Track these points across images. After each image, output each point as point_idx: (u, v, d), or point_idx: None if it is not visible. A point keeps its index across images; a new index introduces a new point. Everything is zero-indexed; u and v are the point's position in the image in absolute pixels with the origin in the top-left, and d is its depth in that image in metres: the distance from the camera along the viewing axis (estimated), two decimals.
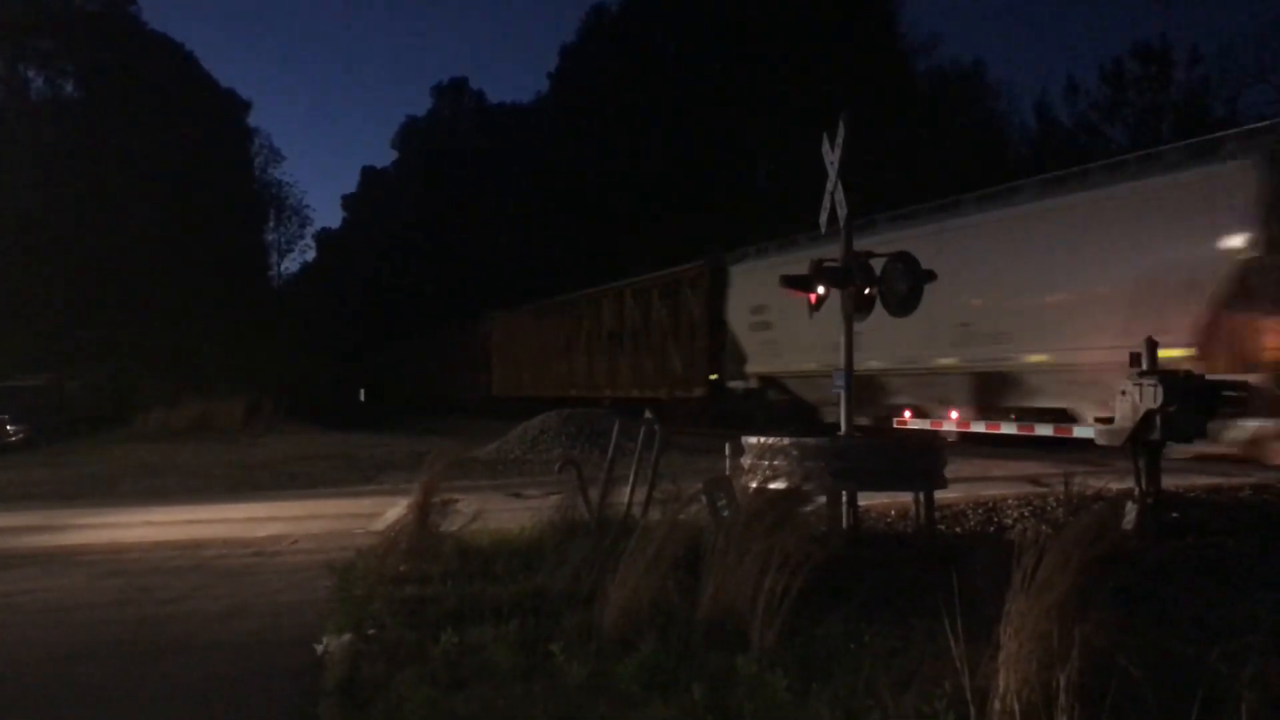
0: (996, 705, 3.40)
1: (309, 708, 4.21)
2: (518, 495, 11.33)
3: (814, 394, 16.88)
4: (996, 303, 13.25)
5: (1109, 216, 12.03)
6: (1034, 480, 10.79)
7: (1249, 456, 10.72)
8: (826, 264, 7.86)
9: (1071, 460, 10.77)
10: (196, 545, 8.61)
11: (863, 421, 12.84)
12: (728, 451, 8.10)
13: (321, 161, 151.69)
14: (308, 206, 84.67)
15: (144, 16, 42.02)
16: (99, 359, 30.83)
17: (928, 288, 7.63)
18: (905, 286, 7.58)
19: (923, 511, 7.47)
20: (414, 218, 59.89)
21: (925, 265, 7.57)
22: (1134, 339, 7.80)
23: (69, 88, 40.15)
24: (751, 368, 19.64)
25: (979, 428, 10.90)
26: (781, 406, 18.59)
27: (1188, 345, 10.31)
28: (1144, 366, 7.80)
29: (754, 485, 6.54)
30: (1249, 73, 31.47)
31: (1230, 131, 12.53)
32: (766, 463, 6.95)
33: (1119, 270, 11.64)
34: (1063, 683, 3.24)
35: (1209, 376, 8.17)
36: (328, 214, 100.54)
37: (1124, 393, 7.78)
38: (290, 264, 65.36)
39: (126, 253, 33.85)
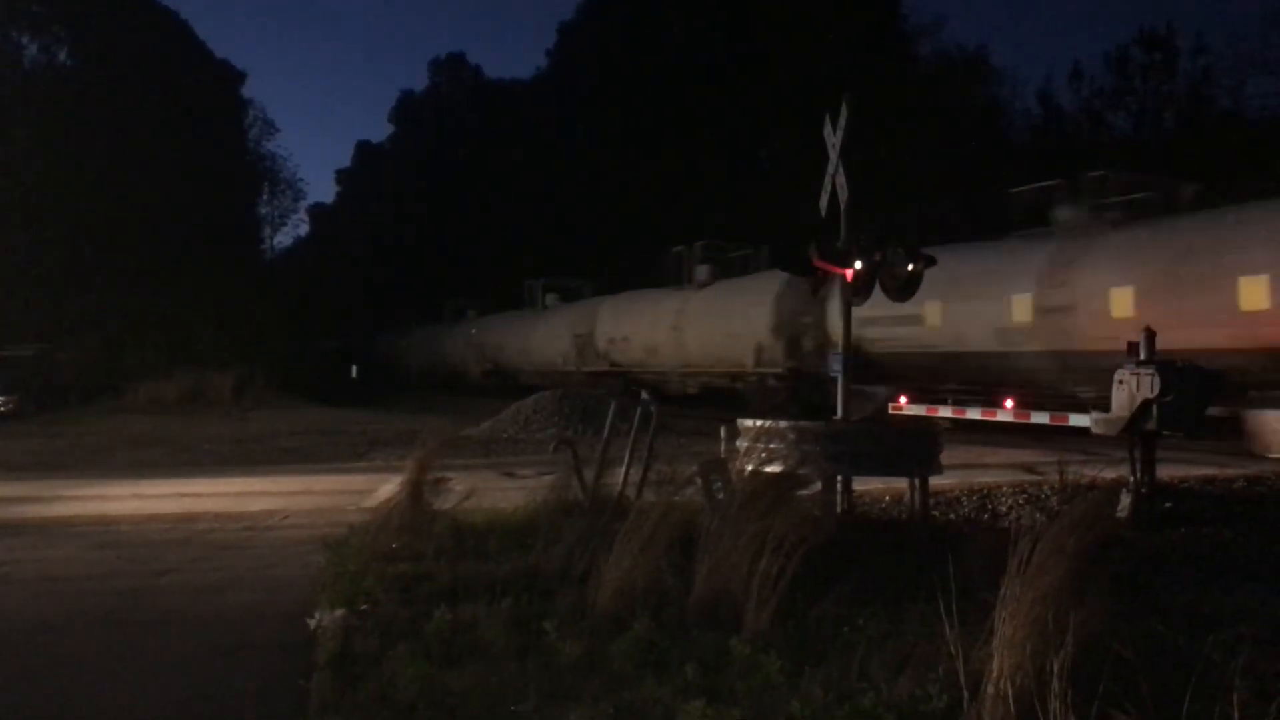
0: (990, 689, 3.40)
1: (301, 682, 4.20)
2: (511, 474, 11.32)
3: None
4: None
5: None
6: (1028, 468, 10.83)
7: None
8: (827, 247, 7.83)
9: (1066, 449, 10.80)
10: (188, 518, 8.58)
11: None
12: (723, 434, 8.09)
13: (316, 135, 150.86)
14: (301, 180, 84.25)
15: None
16: (90, 329, 30.67)
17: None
18: (905, 270, 7.56)
19: (917, 497, 7.48)
20: (409, 193, 59.57)
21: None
22: None
23: (62, 55, 39.71)
24: None
25: (974, 414, 10.95)
26: None
27: None
28: (1141, 356, 7.80)
29: (749, 468, 6.53)
30: (1253, 63, 31.44)
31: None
32: (762, 446, 6.93)
33: None
34: (1056, 668, 3.24)
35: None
36: (321, 189, 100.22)
37: (1121, 382, 7.78)
38: (283, 238, 65.12)
39: (118, 222, 33.58)
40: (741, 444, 7.39)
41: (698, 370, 22.96)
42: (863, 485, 8.33)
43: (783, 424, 7.20)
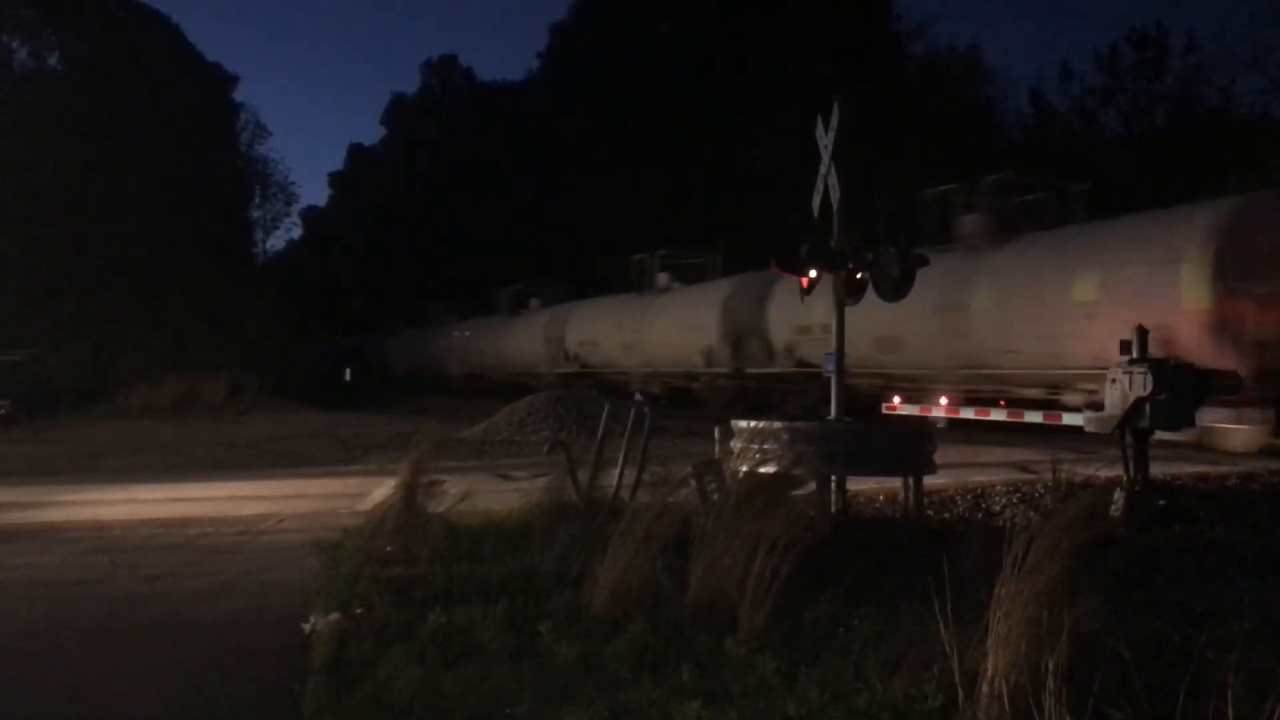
0: (985, 688, 3.40)
1: (296, 686, 4.18)
2: (505, 476, 11.31)
3: None
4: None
5: None
6: (1022, 467, 10.84)
7: (1203, 444, 10.53)
8: (819, 248, 7.83)
9: (1060, 447, 10.81)
10: (181, 523, 8.55)
11: None
12: (717, 435, 8.09)
13: (308, 138, 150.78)
14: (294, 184, 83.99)
15: None
16: (81, 334, 30.54)
17: None
18: (897, 271, 7.57)
19: (911, 497, 7.48)
20: (401, 196, 59.53)
21: None
22: None
23: (53, 59, 39.60)
24: None
25: (968, 414, 10.95)
26: None
27: None
28: (1134, 354, 7.82)
29: (744, 469, 6.54)
30: (1243, 61, 31.60)
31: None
32: (756, 446, 6.94)
33: None
34: (1051, 666, 3.24)
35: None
36: (314, 192, 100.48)
37: (1114, 380, 7.81)
38: (276, 241, 64.92)
39: (109, 226, 33.49)
40: (736, 444, 7.39)
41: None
42: (857, 485, 8.33)
43: (776, 424, 7.21)
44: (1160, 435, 7.95)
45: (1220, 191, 16.44)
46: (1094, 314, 12.31)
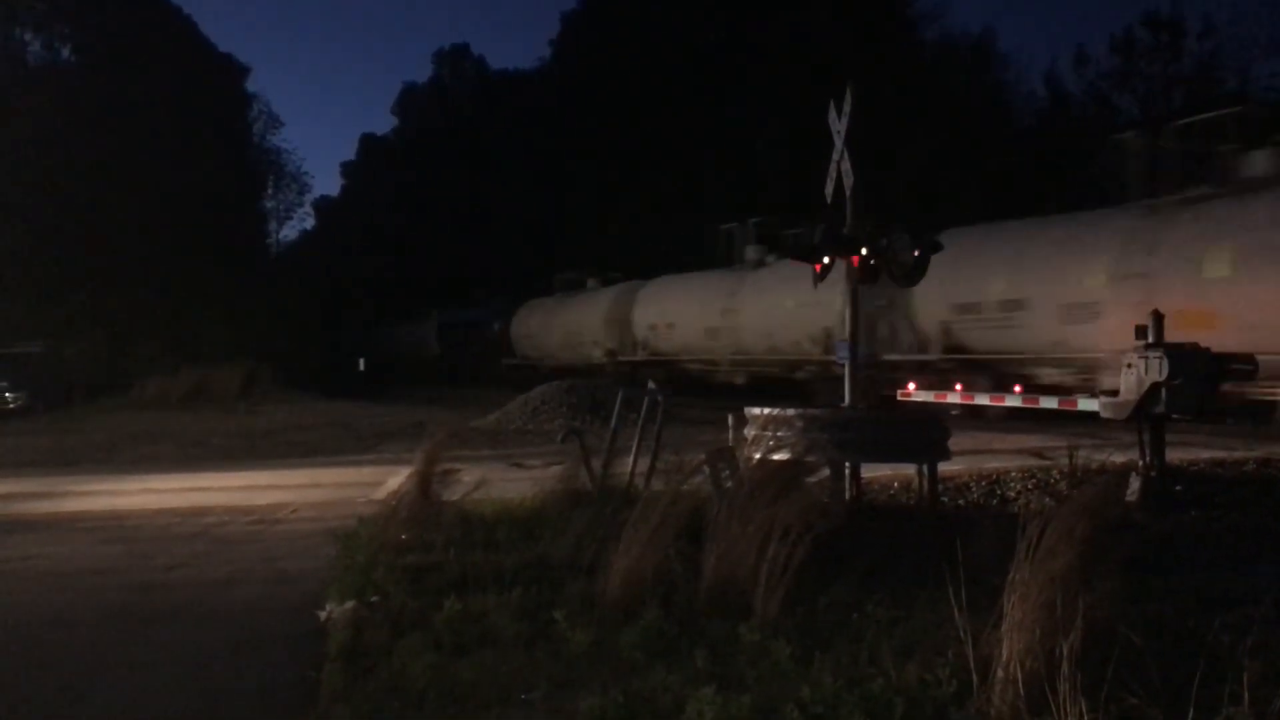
0: (999, 673, 3.39)
1: (312, 674, 4.21)
2: (519, 465, 11.34)
3: None
4: None
5: None
6: (1037, 453, 10.79)
7: None
8: (833, 233, 7.79)
9: (1075, 433, 10.77)
10: (197, 513, 8.62)
11: None
12: (731, 423, 8.07)
13: (321, 128, 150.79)
14: (306, 173, 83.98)
15: None
16: (96, 326, 30.75)
17: None
18: (911, 255, 7.52)
19: (926, 483, 7.45)
20: (413, 186, 59.56)
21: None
22: None
23: (65, 52, 39.77)
24: None
25: (983, 400, 10.94)
26: None
27: None
28: (1150, 339, 7.76)
29: (757, 456, 6.52)
30: (1261, 44, 31.12)
31: None
32: (770, 434, 6.91)
33: None
34: (1065, 651, 3.22)
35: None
36: (327, 181, 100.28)
37: (1130, 365, 7.74)
38: (289, 231, 65.08)
39: (123, 218, 33.65)
40: (749, 432, 7.37)
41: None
42: (871, 472, 8.31)
43: (790, 411, 7.18)
44: None
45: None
46: (791, 316, 19.88)
